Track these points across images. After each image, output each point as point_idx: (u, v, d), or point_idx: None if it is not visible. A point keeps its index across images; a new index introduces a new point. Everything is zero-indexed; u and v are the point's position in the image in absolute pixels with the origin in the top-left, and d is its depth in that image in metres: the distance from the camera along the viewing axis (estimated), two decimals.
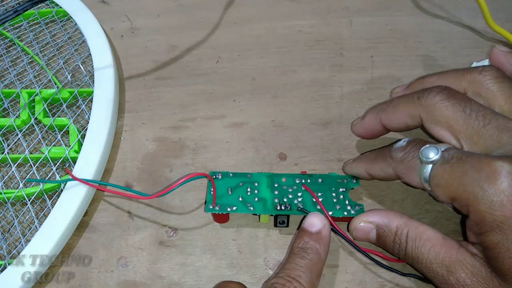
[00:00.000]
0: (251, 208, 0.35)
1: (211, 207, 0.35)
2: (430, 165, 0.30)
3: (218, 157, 0.39)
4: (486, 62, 0.38)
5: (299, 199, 0.35)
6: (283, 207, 0.34)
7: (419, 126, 0.34)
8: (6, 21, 0.35)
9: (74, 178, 0.35)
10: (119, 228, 0.36)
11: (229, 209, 0.34)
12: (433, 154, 0.30)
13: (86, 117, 0.39)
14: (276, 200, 0.35)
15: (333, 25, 0.46)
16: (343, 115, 0.41)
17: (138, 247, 0.36)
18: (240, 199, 0.35)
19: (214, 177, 0.36)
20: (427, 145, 0.31)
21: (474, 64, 0.39)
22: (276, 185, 0.36)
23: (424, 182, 0.31)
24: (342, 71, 0.44)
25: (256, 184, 0.36)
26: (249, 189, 0.36)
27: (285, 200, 0.35)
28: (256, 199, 0.35)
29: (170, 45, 0.45)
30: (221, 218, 0.36)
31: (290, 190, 0.36)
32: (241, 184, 0.36)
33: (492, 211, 0.27)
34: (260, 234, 0.36)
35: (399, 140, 0.34)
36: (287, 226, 0.36)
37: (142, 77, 0.43)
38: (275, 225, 0.36)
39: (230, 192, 0.35)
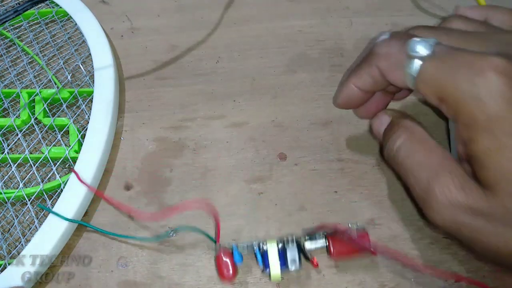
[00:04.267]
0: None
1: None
2: (419, 60, 0.28)
3: (218, 157, 0.39)
4: None
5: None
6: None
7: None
8: (6, 21, 0.35)
9: (82, 182, 0.35)
10: (119, 228, 0.36)
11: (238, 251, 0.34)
12: (422, 48, 0.28)
13: (86, 117, 0.39)
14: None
15: (333, 25, 0.46)
16: (343, 115, 0.41)
17: (138, 247, 0.36)
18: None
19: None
20: (415, 38, 0.28)
21: None
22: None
23: (410, 79, 0.29)
24: (342, 71, 0.43)
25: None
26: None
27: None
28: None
29: (170, 45, 0.45)
30: (227, 272, 0.34)
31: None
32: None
33: (482, 108, 0.26)
34: (260, 234, 0.36)
35: (382, 33, 0.31)
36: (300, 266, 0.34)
37: (142, 77, 0.43)
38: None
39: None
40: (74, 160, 0.37)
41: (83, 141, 0.37)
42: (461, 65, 0.26)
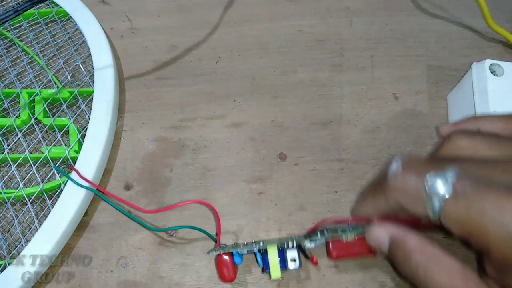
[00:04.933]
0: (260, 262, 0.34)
1: (215, 249, 0.34)
2: (440, 199, 0.26)
3: (218, 157, 0.39)
4: (485, 63, 0.38)
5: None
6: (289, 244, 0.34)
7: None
8: (6, 21, 0.35)
9: (82, 178, 0.36)
10: (119, 228, 0.36)
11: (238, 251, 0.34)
12: (441, 187, 0.26)
13: (86, 117, 0.39)
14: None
15: (333, 25, 0.46)
16: (343, 115, 0.41)
17: (138, 247, 0.36)
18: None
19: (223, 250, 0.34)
20: (431, 173, 0.27)
21: (474, 65, 0.39)
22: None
23: (433, 215, 0.27)
24: (342, 71, 0.44)
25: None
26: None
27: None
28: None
29: (170, 45, 0.45)
30: (228, 272, 0.34)
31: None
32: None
33: (504, 242, 0.24)
34: (260, 234, 0.36)
35: (392, 161, 0.29)
36: (300, 266, 0.34)
37: (142, 77, 0.43)
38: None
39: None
40: (74, 160, 0.37)
41: (83, 141, 0.37)
42: (488, 206, 0.25)
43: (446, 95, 0.43)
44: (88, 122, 0.38)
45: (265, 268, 0.33)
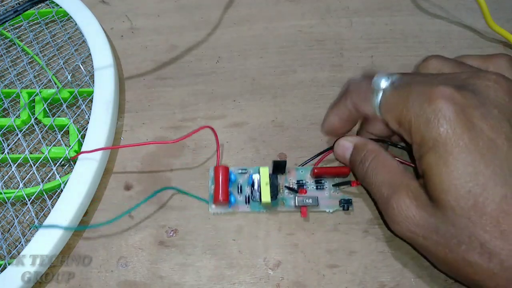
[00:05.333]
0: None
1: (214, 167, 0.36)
2: (381, 92, 0.32)
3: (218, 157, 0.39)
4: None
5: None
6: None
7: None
8: (6, 21, 0.35)
9: (86, 152, 0.36)
10: (119, 228, 0.36)
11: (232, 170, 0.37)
12: (384, 82, 0.32)
13: (86, 117, 0.39)
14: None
15: (333, 25, 0.46)
16: None
17: (138, 247, 0.36)
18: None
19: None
20: (378, 74, 0.33)
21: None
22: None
23: (376, 109, 0.33)
24: (342, 71, 0.44)
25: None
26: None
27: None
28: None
29: (170, 45, 0.45)
30: (223, 193, 0.35)
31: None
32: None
33: (429, 129, 0.29)
34: (260, 234, 0.36)
35: (357, 75, 0.36)
36: (284, 173, 0.38)
37: (142, 77, 0.43)
38: (273, 172, 0.37)
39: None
40: (74, 160, 0.37)
41: (83, 141, 0.37)
42: (414, 94, 0.30)
43: None
44: (88, 122, 0.38)
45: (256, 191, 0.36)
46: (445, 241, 0.29)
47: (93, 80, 0.40)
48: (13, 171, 0.37)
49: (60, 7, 0.45)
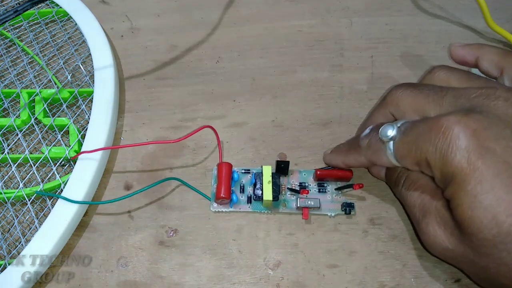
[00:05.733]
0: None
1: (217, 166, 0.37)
2: (391, 142, 0.32)
3: (218, 157, 0.39)
4: None
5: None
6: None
7: None
8: (6, 21, 0.35)
9: (86, 152, 0.36)
10: (119, 228, 0.36)
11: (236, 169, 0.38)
12: (390, 131, 0.31)
13: (86, 117, 0.39)
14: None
15: (333, 25, 0.46)
16: (343, 115, 0.41)
17: (138, 247, 0.36)
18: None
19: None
20: (384, 125, 0.32)
21: None
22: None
23: (392, 159, 0.32)
24: (342, 71, 0.44)
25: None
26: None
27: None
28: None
29: (170, 45, 0.45)
30: (225, 190, 0.36)
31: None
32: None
33: (445, 163, 0.28)
34: (260, 234, 0.36)
35: (368, 129, 0.35)
36: (287, 174, 0.38)
37: (142, 77, 0.43)
38: (277, 170, 0.37)
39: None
40: (74, 160, 0.37)
41: (83, 141, 0.37)
42: (423, 132, 0.29)
43: None
44: (88, 122, 0.38)
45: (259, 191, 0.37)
46: (475, 265, 0.29)
47: (93, 80, 0.40)
48: (13, 171, 0.37)
49: (60, 7, 0.45)
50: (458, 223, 0.29)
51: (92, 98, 0.40)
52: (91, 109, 0.39)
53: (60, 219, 0.34)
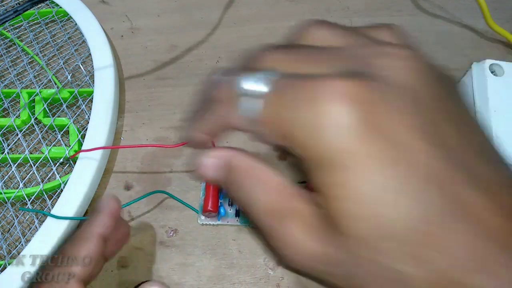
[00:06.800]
0: None
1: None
2: (253, 98, 0.23)
3: None
4: (486, 63, 0.38)
5: None
6: None
7: None
8: (6, 21, 0.35)
9: (85, 151, 0.36)
10: None
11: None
12: (251, 84, 0.23)
13: (86, 117, 0.39)
14: None
15: None
16: None
17: (138, 247, 0.36)
18: None
19: None
20: (246, 73, 0.24)
21: (474, 65, 0.39)
22: None
23: (247, 120, 0.24)
24: None
25: None
26: None
27: None
28: None
29: (170, 45, 0.45)
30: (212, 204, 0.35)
31: None
32: None
33: (321, 141, 0.21)
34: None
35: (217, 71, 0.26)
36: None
37: (142, 77, 0.43)
38: None
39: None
40: (74, 160, 0.37)
41: (83, 141, 0.37)
42: (298, 97, 0.22)
43: None
44: (88, 122, 0.38)
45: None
46: (353, 276, 0.23)
47: (93, 80, 0.40)
48: (13, 171, 0.37)
49: (60, 7, 0.45)
50: (330, 221, 0.22)
51: (92, 98, 0.39)
52: (91, 109, 0.39)
53: (60, 219, 0.34)
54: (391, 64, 0.22)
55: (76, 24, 0.44)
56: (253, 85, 0.23)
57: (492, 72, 0.38)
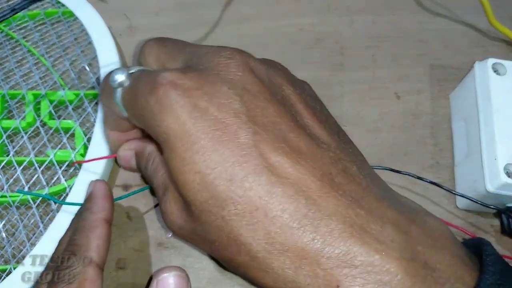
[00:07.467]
0: None
1: None
2: (120, 89, 0.30)
3: None
4: (488, 62, 0.38)
5: None
6: None
7: None
8: (3, 19, 0.35)
9: (87, 161, 0.37)
10: (118, 230, 0.37)
11: None
12: (118, 75, 0.29)
13: (92, 119, 0.40)
14: None
15: (334, 23, 0.46)
16: (344, 114, 0.41)
17: (137, 248, 0.36)
18: None
19: None
20: (115, 68, 0.30)
21: (477, 64, 0.39)
22: None
23: (122, 109, 0.30)
24: (343, 70, 0.44)
25: None
26: None
27: None
28: None
29: None
30: None
31: None
32: None
33: (157, 123, 0.27)
34: None
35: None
36: None
37: None
38: None
39: None
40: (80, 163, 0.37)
41: (89, 144, 0.38)
42: (142, 86, 0.28)
43: (448, 94, 0.43)
44: (94, 125, 0.39)
45: None
46: (204, 240, 0.28)
47: (99, 82, 0.40)
48: (18, 174, 0.37)
49: (66, 7, 0.45)
50: (178, 190, 0.27)
51: (98, 101, 0.40)
52: (97, 111, 0.39)
53: (65, 223, 0.34)
54: (220, 61, 0.28)
55: (82, 24, 0.44)
56: (119, 76, 0.29)
57: (494, 71, 0.38)
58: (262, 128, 0.26)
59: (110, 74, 0.30)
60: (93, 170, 0.37)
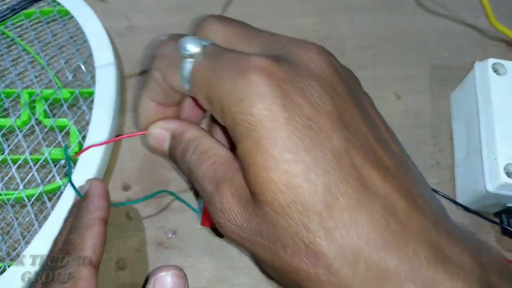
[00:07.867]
0: None
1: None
2: (190, 60, 0.26)
3: None
4: (488, 62, 0.38)
5: None
6: None
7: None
8: (4, 19, 0.35)
9: (86, 149, 0.36)
10: (118, 230, 0.36)
11: None
12: (192, 47, 0.26)
13: (87, 118, 0.39)
14: None
15: (334, 23, 0.46)
16: None
17: (137, 248, 0.36)
18: None
19: None
20: (186, 36, 0.27)
21: (477, 64, 0.39)
22: None
23: (185, 83, 0.27)
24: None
25: None
26: None
27: None
28: None
29: None
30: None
31: None
32: None
33: (242, 109, 0.24)
34: None
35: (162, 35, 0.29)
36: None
37: (142, 76, 0.43)
38: None
39: None
40: (75, 161, 0.37)
41: (83, 142, 0.37)
42: (227, 66, 0.25)
43: (448, 94, 0.42)
44: (88, 123, 0.38)
45: None
46: (269, 245, 0.24)
47: (95, 81, 0.40)
48: (13, 172, 0.37)
49: (62, 6, 0.45)
50: (251, 187, 0.24)
51: (93, 99, 0.39)
52: (92, 110, 0.39)
53: (60, 221, 0.34)
54: (310, 56, 0.25)
55: (77, 23, 0.43)
56: (192, 46, 0.26)
57: (494, 71, 0.38)
58: (353, 135, 0.24)
59: (172, 39, 0.28)
60: (87, 169, 0.36)
